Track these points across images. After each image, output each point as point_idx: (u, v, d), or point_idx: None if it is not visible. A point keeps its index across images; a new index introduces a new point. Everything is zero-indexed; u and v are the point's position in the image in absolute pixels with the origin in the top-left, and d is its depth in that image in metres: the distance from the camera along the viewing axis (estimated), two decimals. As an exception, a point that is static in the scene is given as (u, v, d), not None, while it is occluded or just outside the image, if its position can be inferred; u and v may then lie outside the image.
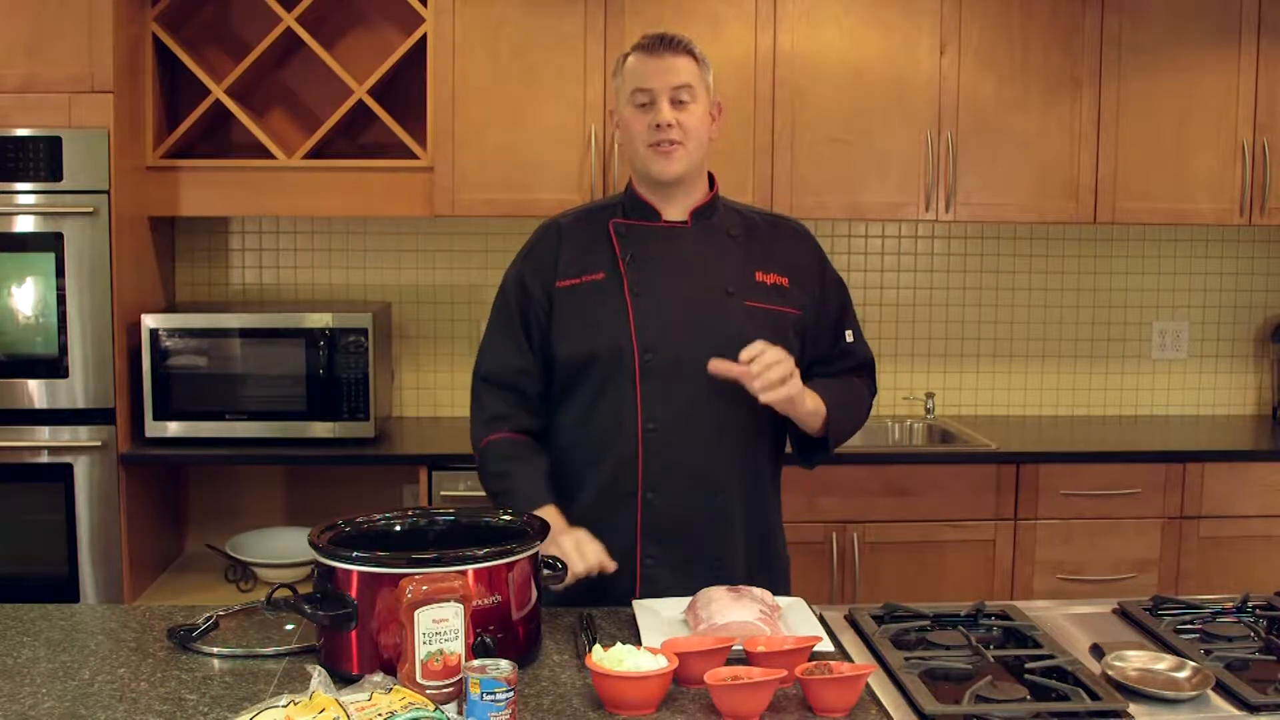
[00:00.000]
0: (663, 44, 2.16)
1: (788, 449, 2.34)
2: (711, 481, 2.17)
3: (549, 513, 2.10)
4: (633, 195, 2.26)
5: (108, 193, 3.33)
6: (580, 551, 2.04)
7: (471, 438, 2.29)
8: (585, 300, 2.21)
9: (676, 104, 2.15)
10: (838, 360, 2.32)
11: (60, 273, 3.34)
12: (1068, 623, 2.05)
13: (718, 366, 2.06)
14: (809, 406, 2.15)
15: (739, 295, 2.19)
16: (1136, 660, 1.81)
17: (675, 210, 2.24)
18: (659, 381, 2.16)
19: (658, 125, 2.14)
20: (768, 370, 2.03)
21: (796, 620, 1.96)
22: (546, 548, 1.96)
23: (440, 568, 1.70)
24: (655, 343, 2.16)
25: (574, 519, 2.22)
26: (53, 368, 3.36)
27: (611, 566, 2.07)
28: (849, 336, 2.33)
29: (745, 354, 2.04)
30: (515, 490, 2.17)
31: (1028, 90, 3.73)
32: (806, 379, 2.29)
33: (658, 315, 2.17)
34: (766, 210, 2.40)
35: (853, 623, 2.03)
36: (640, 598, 2.11)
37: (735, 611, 1.86)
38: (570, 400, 2.24)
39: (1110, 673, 1.77)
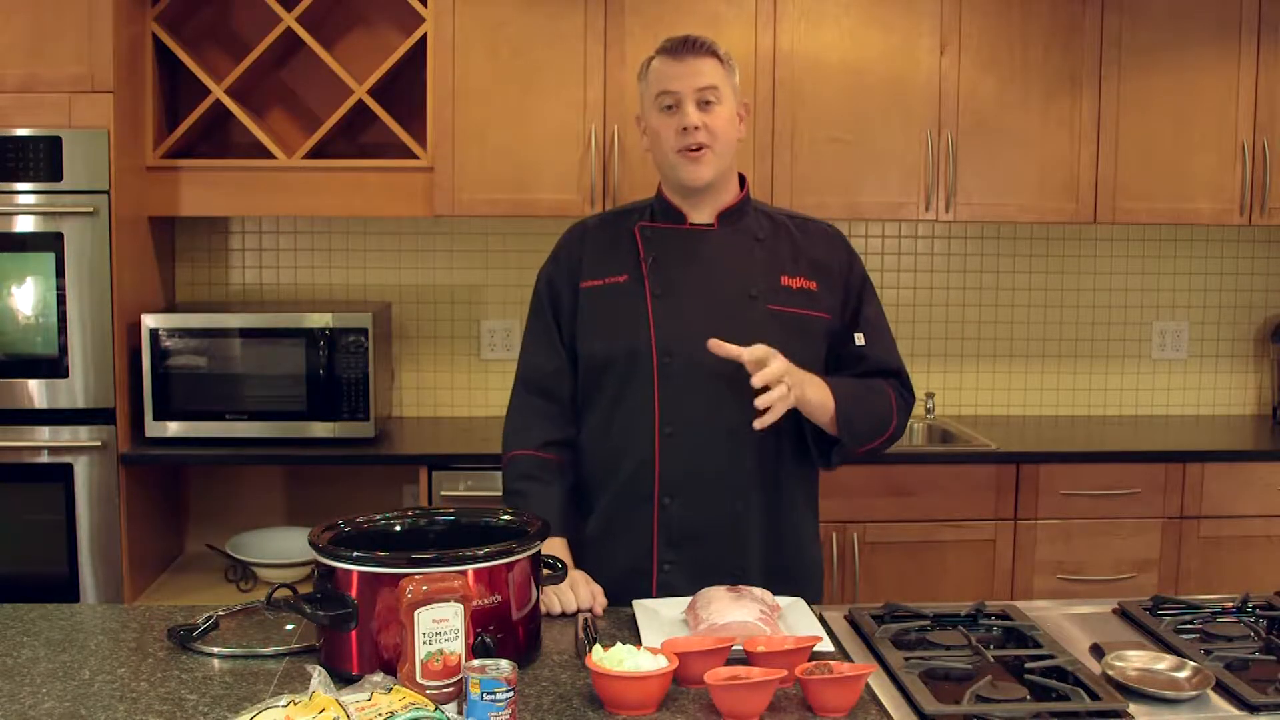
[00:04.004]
0: (686, 46, 2.14)
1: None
2: (730, 486, 2.15)
3: (556, 546, 2.11)
4: (661, 199, 2.25)
5: (108, 193, 3.33)
6: (576, 592, 2.05)
7: (502, 442, 2.29)
8: (607, 302, 2.21)
9: (702, 106, 2.13)
10: (849, 365, 2.27)
11: (60, 273, 3.34)
12: (1068, 623, 2.05)
13: (718, 348, 2.04)
14: (810, 397, 2.09)
15: (762, 298, 2.17)
16: (1136, 660, 1.81)
17: (702, 213, 2.23)
18: (677, 384, 2.15)
19: (684, 129, 2.12)
20: (771, 375, 2.00)
21: (796, 620, 1.96)
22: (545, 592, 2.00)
23: (440, 568, 1.70)
24: (675, 345, 2.15)
25: (593, 525, 2.23)
26: (53, 368, 3.36)
27: (600, 610, 2.07)
28: (858, 339, 2.26)
29: (749, 354, 2.02)
30: None
31: (1028, 90, 3.73)
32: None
33: (678, 318, 2.16)
34: (797, 213, 2.36)
35: (853, 623, 2.02)
36: None
37: (735, 611, 1.86)
38: (593, 404, 2.23)
39: (1110, 673, 1.77)
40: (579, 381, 2.25)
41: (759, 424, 2.02)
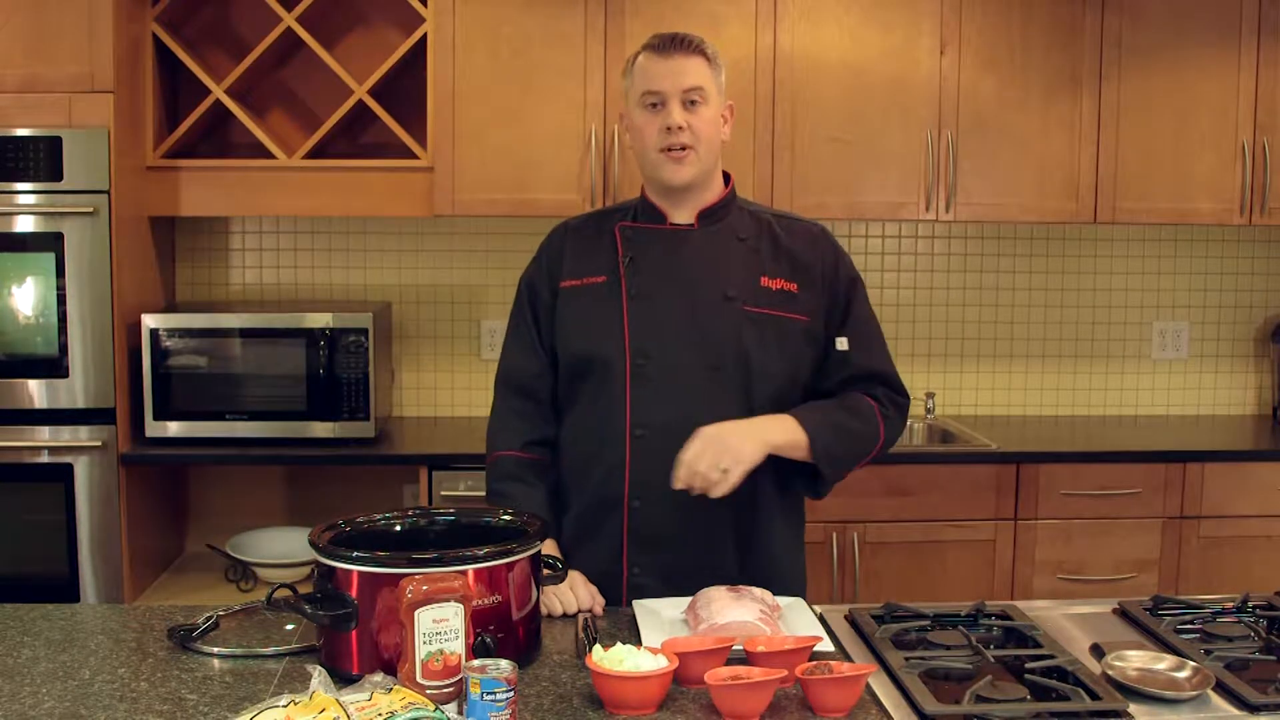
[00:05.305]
0: (674, 44, 2.12)
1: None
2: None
3: (547, 546, 2.10)
4: (643, 199, 2.24)
5: (108, 193, 3.33)
6: (575, 592, 2.06)
7: (486, 444, 2.29)
8: (584, 302, 2.20)
9: (688, 106, 2.11)
10: (834, 370, 2.22)
11: (60, 273, 3.34)
12: (1068, 623, 2.05)
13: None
14: (775, 440, 2.08)
15: (738, 300, 2.15)
16: (1136, 660, 1.81)
17: (683, 213, 2.21)
18: (650, 386, 2.13)
19: (668, 128, 2.10)
20: (695, 479, 2.01)
21: (796, 620, 1.96)
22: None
23: (440, 568, 1.70)
24: (649, 347, 2.14)
25: (567, 528, 2.23)
26: (53, 368, 3.36)
27: (600, 610, 2.07)
28: (840, 345, 2.20)
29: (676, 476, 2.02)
30: None
31: (1028, 90, 3.73)
32: (809, 393, 2.26)
33: (653, 319, 2.15)
34: (785, 212, 2.33)
35: (853, 623, 2.02)
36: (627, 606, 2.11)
37: (735, 611, 1.86)
38: (569, 405, 2.23)
39: (1110, 673, 1.77)
40: (558, 382, 2.24)
41: (716, 494, 2.03)
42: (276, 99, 3.91)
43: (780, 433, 2.09)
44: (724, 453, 2.01)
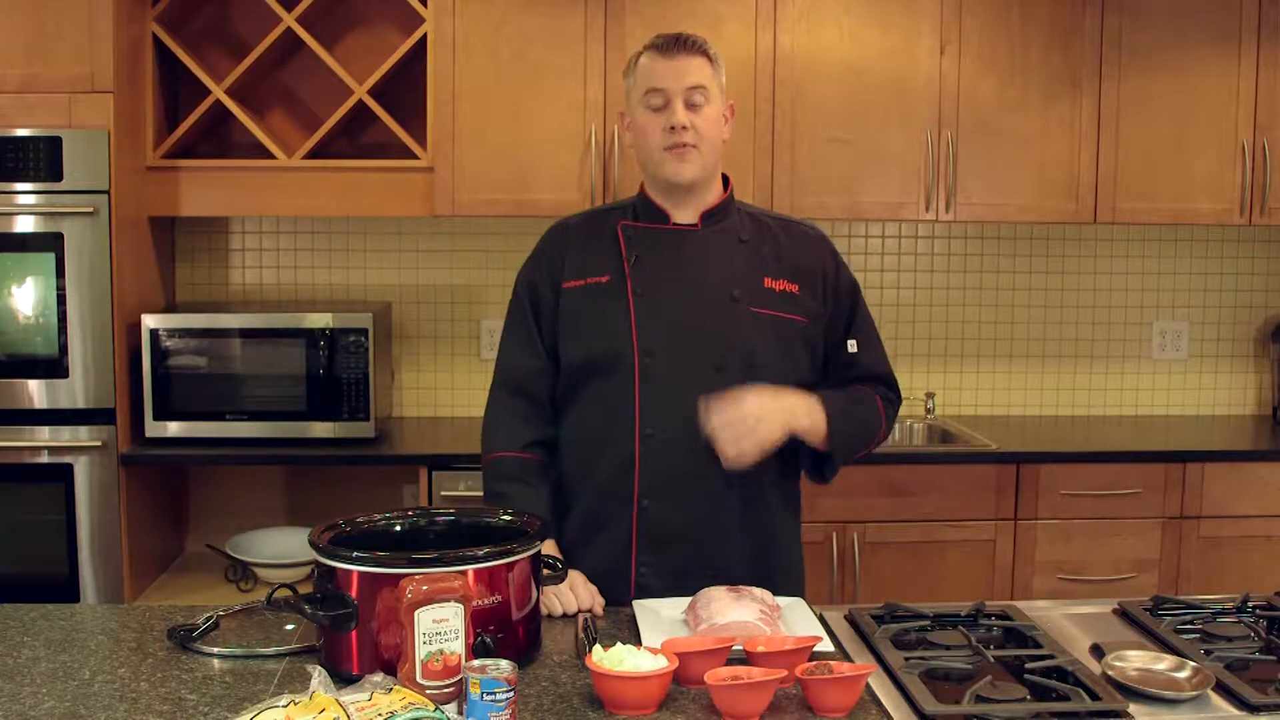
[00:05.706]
0: (677, 44, 2.13)
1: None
2: (710, 489, 2.14)
3: (547, 547, 2.10)
4: (643, 198, 2.24)
5: (108, 193, 3.33)
6: (575, 592, 2.06)
7: (482, 443, 2.29)
8: (589, 302, 2.20)
9: (691, 105, 2.12)
10: (841, 371, 2.27)
11: (60, 273, 3.34)
12: (1068, 623, 2.05)
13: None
14: (802, 425, 2.13)
15: (744, 300, 2.17)
16: (1136, 660, 1.82)
17: (686, 213, 2.21)
18: (658, 386, 2.14)
19: (672, 127, 2.11)
20: (722, 436, 2.07)
21: (796, 620, 1.97)
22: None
23: (440, 568, 1.70)
24: (656, 346, 2.15)
25: (573, 526, 2.22)
26: (53, 368, 3.36)
27: (600, 610, 2.07)
28: (851, 347, 2.27)
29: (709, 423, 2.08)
30: None
31: (1028, 90, 3.73)
32: (815, 390, 2.29)
33: (660, 318, 2.16)
34: (782, 214, 2.36)
35: (853, 623, 2.03)
36: None
37: (735, 611, 1.86)
38: (573, 404, 2.23)
39: (1110, 673, 1.77)
40: (560, 382, 2.24)
41: (727, 467, 2.10)
42: (276, 99, 3.91)
43: (806, 417, 2.14)
44: (747, 434, 2.06)
